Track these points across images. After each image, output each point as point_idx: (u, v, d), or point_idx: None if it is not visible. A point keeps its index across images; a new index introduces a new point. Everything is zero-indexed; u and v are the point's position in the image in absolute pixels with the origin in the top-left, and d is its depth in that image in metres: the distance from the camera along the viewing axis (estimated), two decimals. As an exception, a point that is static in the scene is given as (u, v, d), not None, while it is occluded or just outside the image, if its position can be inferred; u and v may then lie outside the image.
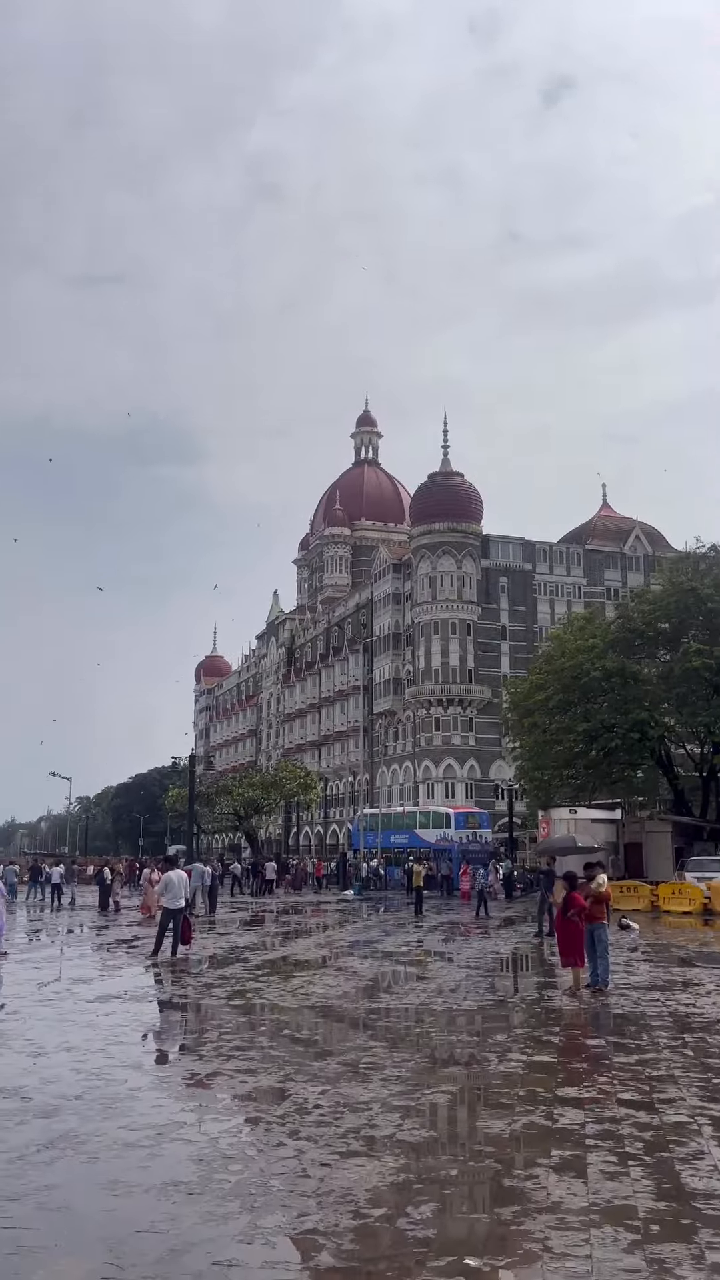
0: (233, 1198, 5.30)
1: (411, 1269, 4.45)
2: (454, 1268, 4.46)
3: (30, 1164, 5.87)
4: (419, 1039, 10.02)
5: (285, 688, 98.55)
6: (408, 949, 19.55)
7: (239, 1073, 8.40)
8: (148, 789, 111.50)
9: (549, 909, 22.35)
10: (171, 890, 17.07)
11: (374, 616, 79.83)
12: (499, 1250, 4.67)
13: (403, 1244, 4.73)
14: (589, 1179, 5.64)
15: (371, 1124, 6.75)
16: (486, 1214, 5.16)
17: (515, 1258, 4.57)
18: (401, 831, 51.71)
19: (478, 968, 16.11)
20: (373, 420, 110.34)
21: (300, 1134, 6.53)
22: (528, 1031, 10.43)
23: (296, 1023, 11.07)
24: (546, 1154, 6.12)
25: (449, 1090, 7.79)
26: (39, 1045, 9.53)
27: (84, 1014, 11.39)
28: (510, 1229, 4.94)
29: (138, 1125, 6.69)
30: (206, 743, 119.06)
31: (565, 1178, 5.66)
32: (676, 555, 45.03)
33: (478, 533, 73.08)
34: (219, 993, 13.10)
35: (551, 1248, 4.65)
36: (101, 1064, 8.65)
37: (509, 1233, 4.90)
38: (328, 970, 15.64)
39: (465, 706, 70.77)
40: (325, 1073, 8.36)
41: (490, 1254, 4.63)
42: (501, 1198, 5.39)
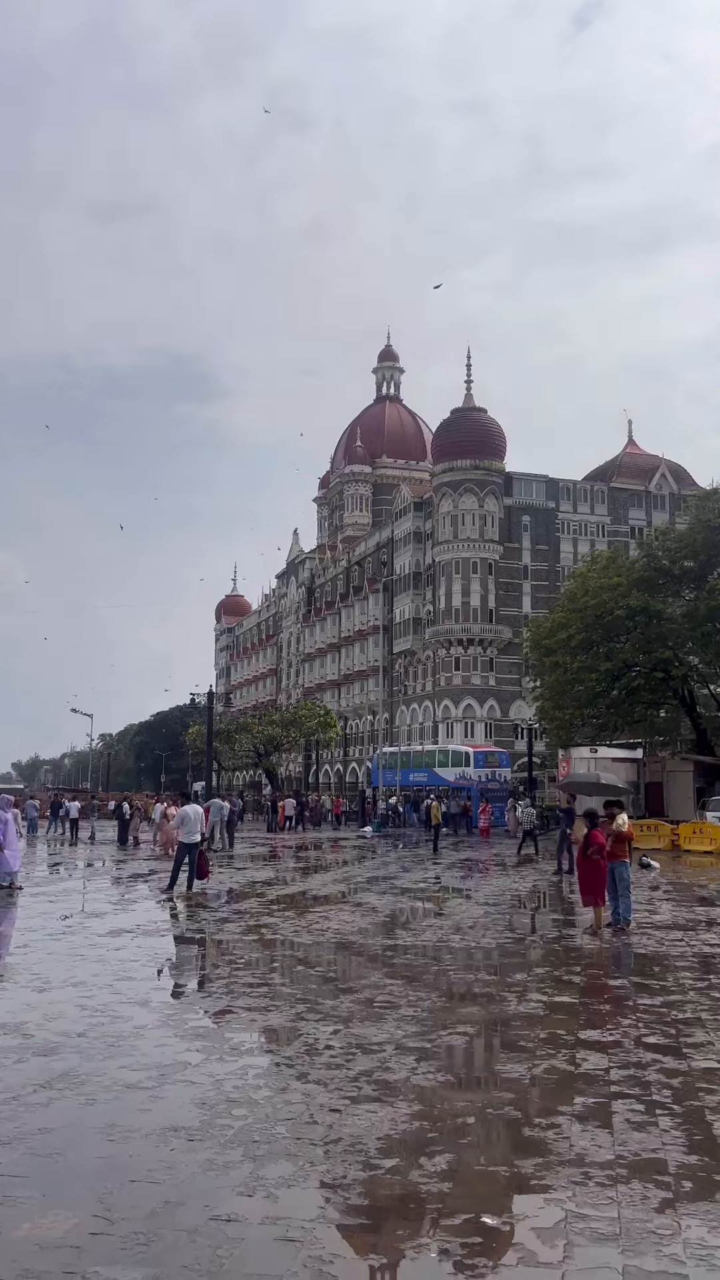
0: (235, 1145, 4.99)
1: (424, 1227, 4.11)
2: (470, 1227, 4.12)
3: (25, 1105, 5.59)
4: (436, 977, 9.73)
5: (305, 627, 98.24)
6: (425, 885, 19.35)
7: (249, 1010, 8.12)
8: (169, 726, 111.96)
9: (568, 847, 22.11)
10: (188, 825, 16.89)
11: (394, 555, 79.05)
12: (519, 1208, 4.33)
13: (415, 1199, 4.40)
14: (614, 1129, 5.29)
15: (384, 1067, 6.44)
16: (505, 1167, 4.82)
17: (536, 1216, 4.23)
18: (420, 770, 51.68)
19: (496, 905, 15.85)
20: (395, 355, 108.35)
21: (309, 1077, 6.22)
22: (548, 971, 10.12)
23: (311, 959, 10.81)
24: (569, 1101, 5.78)
25: (466, 1031, 7.47)
26: (45, 980, 9.30)
27: (94, 948, 11.18)
28: (531, 1183, 4.60)
29: (140, 1065, 6.41)
30: (227, 681, 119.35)
31: (589, 1128, 5.32)
32: (703, 492, 43.99)
33: (501, 470, 71.85)
34: (233, 928, 12.88)
35: (575, 1206, 4.30)
36: (108, 1000, 8.39)
37: (529, 1188, 4.56)
38: (344, 906, 15.42)
39: (486, 646, 70.25)
40: (338, 1011, 8.07)
41: (509, 1212, 4.29)
42: (521, 1149, 5.05)
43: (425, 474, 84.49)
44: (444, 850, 28.91)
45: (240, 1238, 3.96)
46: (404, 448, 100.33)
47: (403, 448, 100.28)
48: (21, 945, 11.68)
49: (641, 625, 37.17)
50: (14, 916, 14.35)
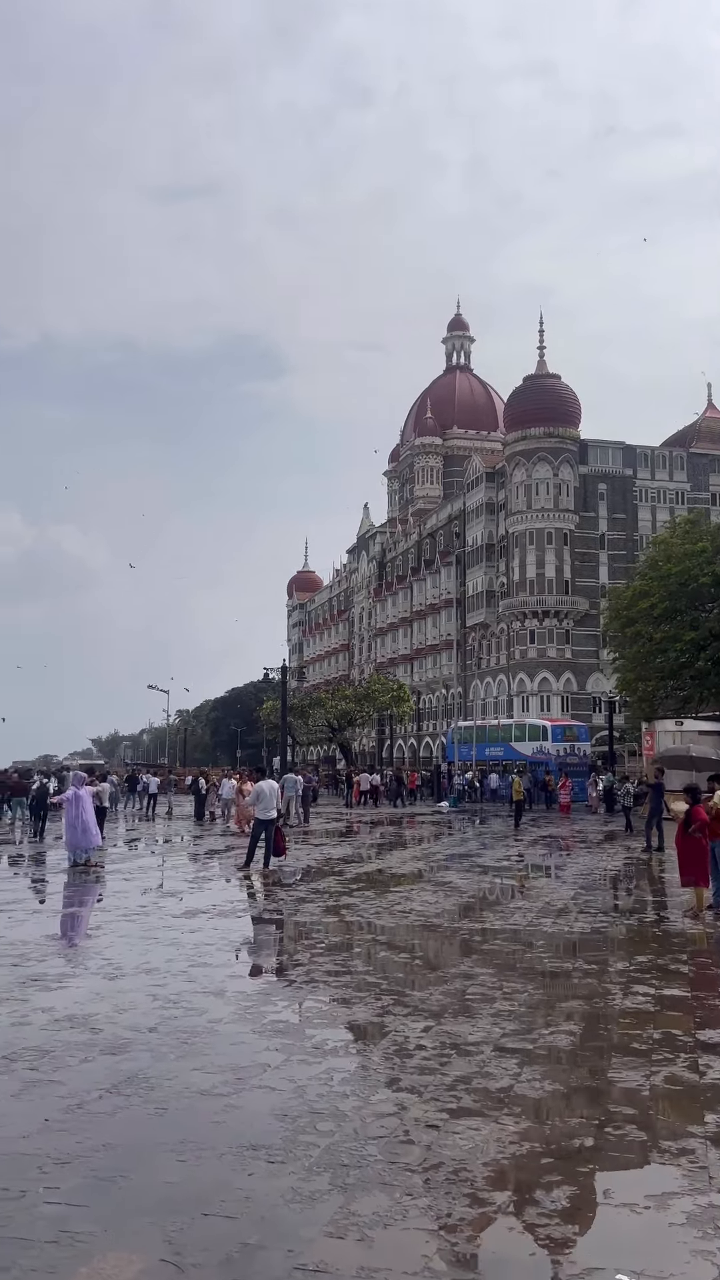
0: (321, 1169, 4.38)
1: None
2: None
3: (89, 1114, 5.06)
4: (530, 966, 9.04)
5: (376, 602, 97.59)
6: (509, 864, 18.63)
7: (332, 1003, 7.54)
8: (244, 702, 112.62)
9: (658, 823, 21.19)
10: (263, 800, 16.43)
11: (466, 527, 77.84)
12: (660, 1262, 3.63)
13: (535, 1245, 3.74)
14: (758, 1156, 4.57)
15: (483, 1072, 5.79)
16: (634, 1205, 4.12)
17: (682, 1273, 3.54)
18: (496, 744, 50.80)
19: (585, 885, 15.08)
20: (465, 324, 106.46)
21: (401, 1083, 5.60)
22: (651, 959, 9.36)
23: (394, 943, 10.20)
24: (699, 1119, 5.06)
25: (570, 1031, 6.78)
26: (117, 966, 8.84)
27: (169, 930, 10.73)
28: (670, 1227, 3.91)
29: (215, 1067, 5.85)
30: (300, 657, 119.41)
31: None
32: None
33: (575, 438, 70.09)
34: (311, 908, 12.35)
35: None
36: (181, 989, 7.88)
37: (668, 1232, 3.86)
38: (425, 885, 14.80)
39: (561, 618, 68.82)
40: (428, 1005, 7.44)
41: (650, 1265, 3.60)
42: (654, 1182, 4.35)
43: (497, 444, 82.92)
44: (525, 827, 28.13)
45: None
46: (475, 418, 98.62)
47: (474, 418, 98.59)
48: (95, 927, 11.30)
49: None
50: (90, 896, 14.04)
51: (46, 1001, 7.45)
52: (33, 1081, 5.57)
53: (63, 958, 9.35)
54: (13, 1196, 4.10)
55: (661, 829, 20.96)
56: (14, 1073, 5.73)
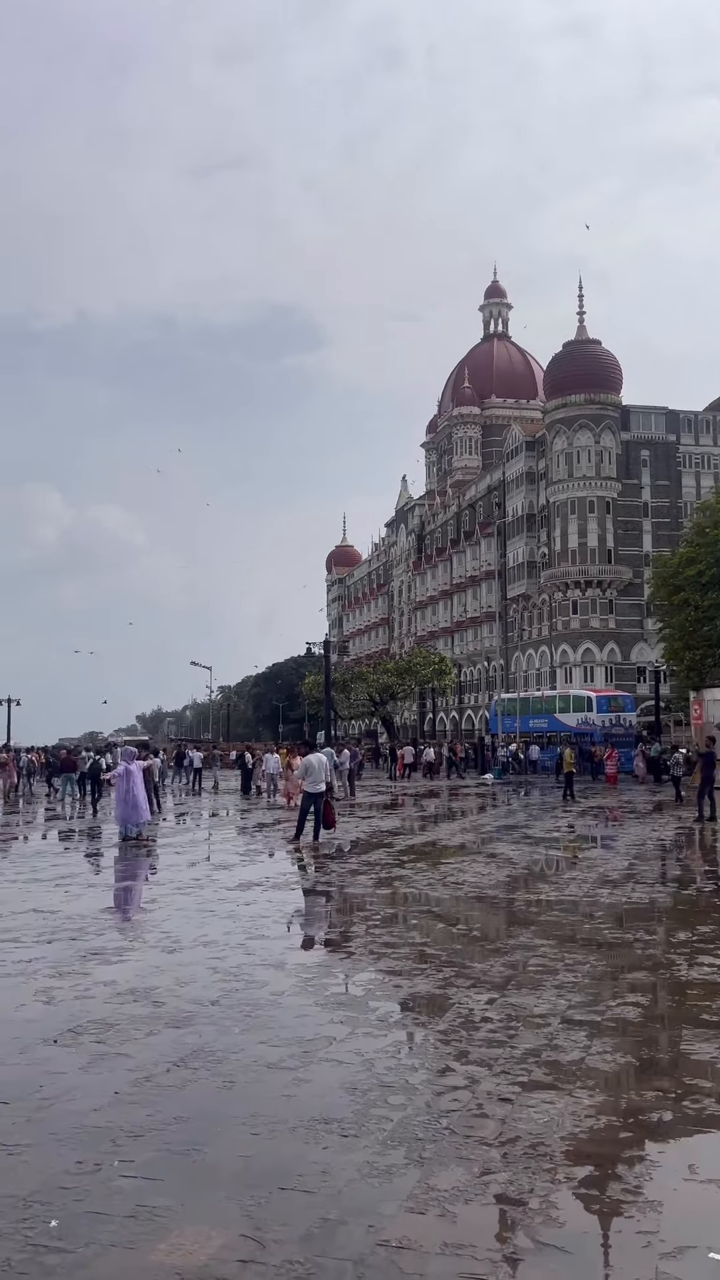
0: (395, 1144, 4.31)
1: (643, 1261, 3.35)
2: (698, 1262, 3.35)
3: (159, 1088, 5.04)
4: (590, 937, 8.92)
5: (416, 575, 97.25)
6: (559, 835, 18.49)
7: (392, 974, 7.48)
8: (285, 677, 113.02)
9: (710, 793, 20.92)
10: (312, 774, 16.43)
11: (506, 498, 77.14)
12: (753, 1238, 3.53)
13: (621, 1221, 3.64)
14: None
15: (553, 1045, 5.69)
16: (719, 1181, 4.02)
17: (778, 1251, 3.43)
18: (540, 716, 50.48)
19: (639, 856, 14.92)
20: (502, 291, 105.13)
21: (470, 1056, 5.52)
22: (713, 929, 9.21)
23: (450, 915, 10.13)
24: (779, 1093, 4.94)
25: (638, 1002, 6.67)
26: (175, 939, 8.84)
27: (224, 903, 10.74)
28: (759, 1204, 3.80)
29: (280, 1040, 5.81)
30: (340, 631, 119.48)
31: None
32: None
33: (617, 404, 69.08)
34: (364, 880, 12.31)
35: None
36: (241, 962, 7.87)
37: (758, 1209, 3.76)
38: (477, 856, 14.72)
39: (604, 588, 68.13)
40: (490, 976, 7.36)
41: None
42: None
43: (537, 412, 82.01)
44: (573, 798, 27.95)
45: (417, 1274, 3.28)
46: (514, 386, 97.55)
47: (513, 386, 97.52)
48: (150, 900, 11.35)
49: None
50: (143, 870, 14.12)
51: (107, 975, 7.47)
52: (100, 1054, 5.57)
53: (120, 931, 9.39)
54: (88, 1170, 4.07)
55: (714, 798, 20.70)
56: (81, 1045, 5.73)
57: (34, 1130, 4.50)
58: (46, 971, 7.56)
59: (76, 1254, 3.42)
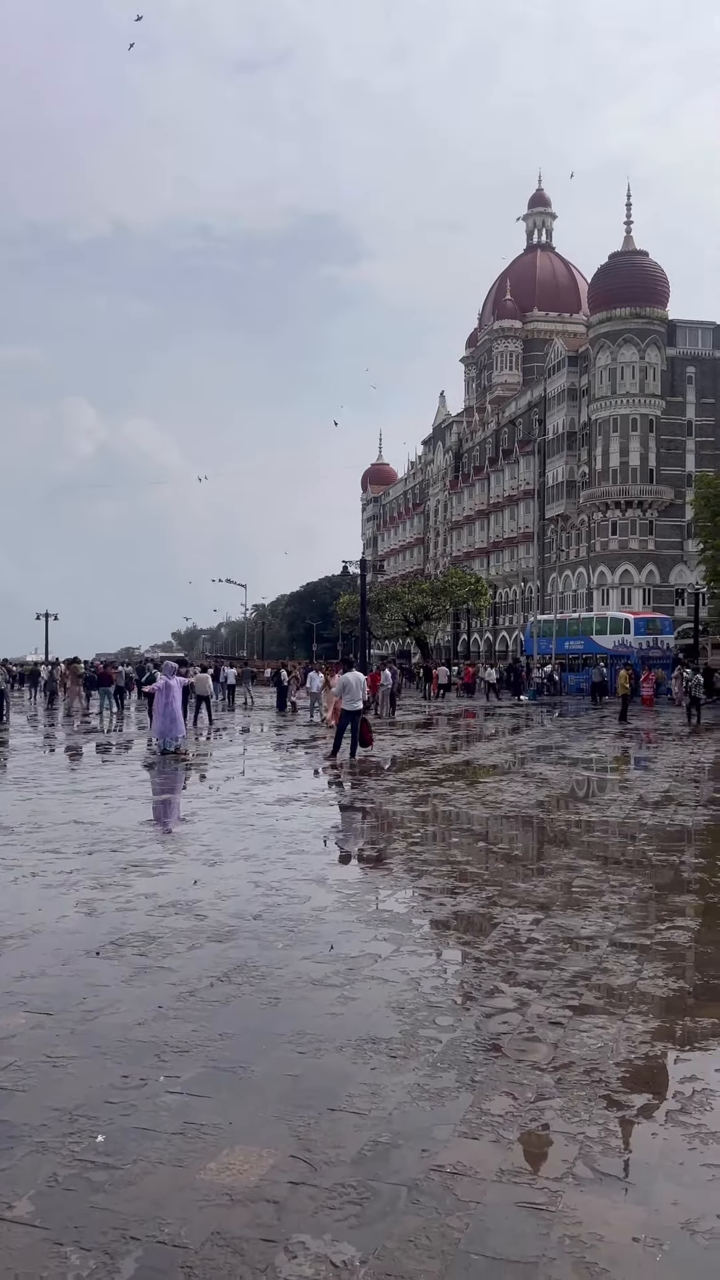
0: (446, 1066, 4.22)
1: (708, 1196, 3.22)
2: (765, 1199, 3.22)
3: (203, 1003, 4.97)
4: (635, 859, 8.79)
5: (453, 494, 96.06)
6: (598, 756, 18.34)
7: (435, 893, 7.39)
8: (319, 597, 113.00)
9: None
10: (349, 692, 16.35)
11: (547, 415, 75.53)
12: None
13: (684, 1150, 3.52)
14: None
15: (602, 968, 5.57)
16: (785, 1110, 3.88)
17: None
18: (576, 638, 50.08)
19: (680, 778, 14.74)
20: (546, 200, 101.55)
21: (518, 977, 5.41)
22: (761, 854, 9.04)
23: (491, 834, 10.04)
24: None
25: (687, 926, 6.53)
26: (215, 852, 8.82)
27: (263, 818, 10.71)
28: None
29: (324, 956, 5.73)
30: (374, 551, 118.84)
31: None
32: None
33: (663, 318, 66.94)
34: (403, 798, 12.25)
35: None
36: (282, 876, 7.81)
37: None
38: (515, 777, 14.61)
39: (645, 509, 66.93)
40: (534, 896, 7.25)
41: None
42: None
43: (580, 326, 79.77)
44: (606, 720, 27.77)
45: (474, 1201, 3.17)
46: (557, 299, 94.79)
47: (556, 299, 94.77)
48: (190, 813, 11.35)
49: None
50: (180, 783, 14.15)
51: (149, 887, 7.44)
52: (143, 968, 5.52)
53: (161, 844, 9.38)
54: (134, 1085, 4.01)
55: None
56: (124, 958, 5.69)
57: (78, 1043, 4.45)
58: (88, 883, 7.54)
59: (124, 1170, 3.35)
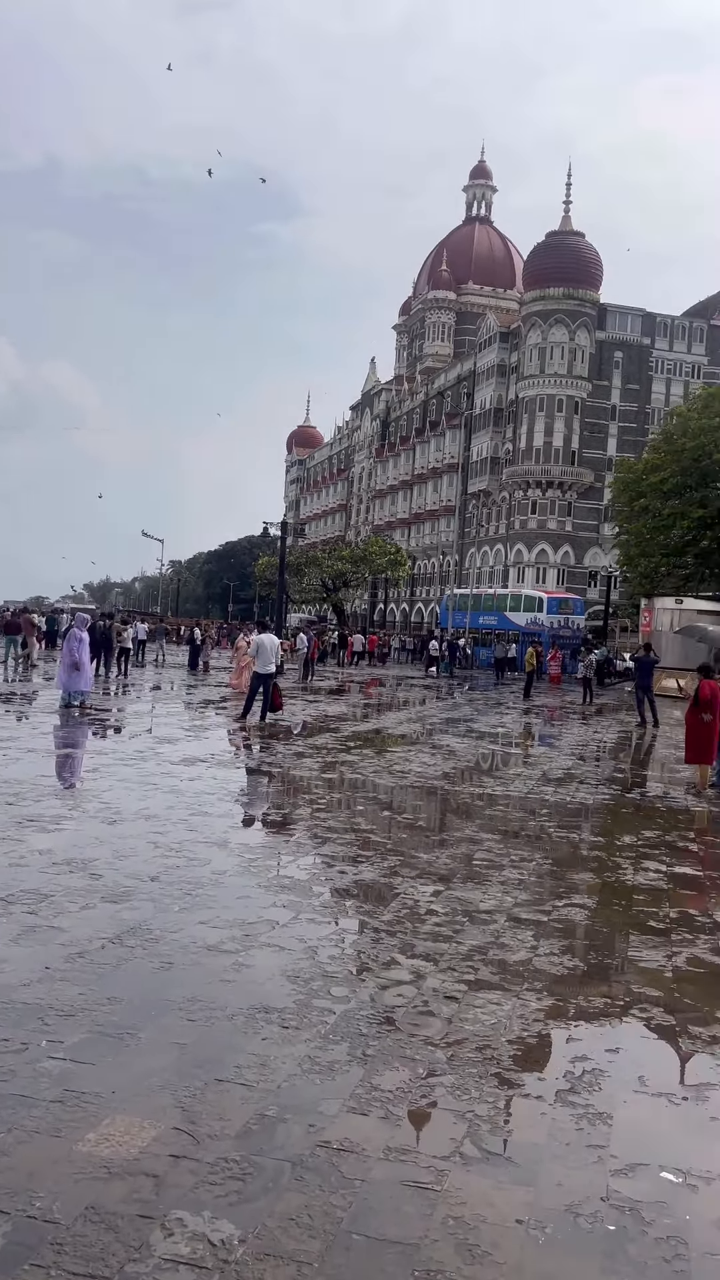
0: (338, 1038, 4.16)
1: (593, 1178, 3.23)
2: (650, 1181, 3.23)
3: (92, 964, 4.82)
4: (536, 834, 8.88)
5: (378, 462, 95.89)
6: (504, 730, 18.54)
7: (337, 860, 7.33)
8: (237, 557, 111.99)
9: (650, 700, 21.09)
10: (263, 654, 16.20)
11: (475, 389, 75.78)
12: (705, 1157, 3.42)
13: (572, 1133, 3.52)
14: None
15: (499, 943, 5.58)
16: (674, 1094, 3.92)
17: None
18: (491, 613, 50.62)
19: (584, 757, 14.98)
20: (488, 172, 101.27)
21: (415, 950, 5.38)
22: (658, 835, 9.21)
23: (396, 804, 10.03)
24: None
25: (584, 904, 6.60)
26: (116, 810, 8.61)
27: (168, 777, 10.52)
28: (711, 1121, 3.70)
29: (221, 921, 5.63)
30: (296, 515, 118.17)
31: (762, 1044, 4.40)
32: None
33: (595, 300, 67.57)
34: (310, 763, 12.18)
35: (777, 1160, 3.39)
36: (183, 838, 7.67)
37: (710, 1128, 3.66)
38: (422, 747, 14.67)
39: (565, 489, 67.78)
40: (435, 868, 7.25)
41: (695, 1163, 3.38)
42: (689, 1071, 4.15)
43: (513, 303, 79.98)
44: (511, 693, 28.13)
45: (357, 1178, 3.12)
46: (493, 273, 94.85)
47: (491, 273, 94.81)
48: (92, 769, 11.10)
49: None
50: (85, 738, 13.84)
51: (44, 843, 7.22)
52: (32, 926, 5.33)
53: (59, 799, 9.13)
54: (14, 1049, 3.86)
55: (653, 703, 20.90)
56: (11, 916, 5.50)
57: (-42, 1003, 4.27)
58: (-21, 836, 7.29)
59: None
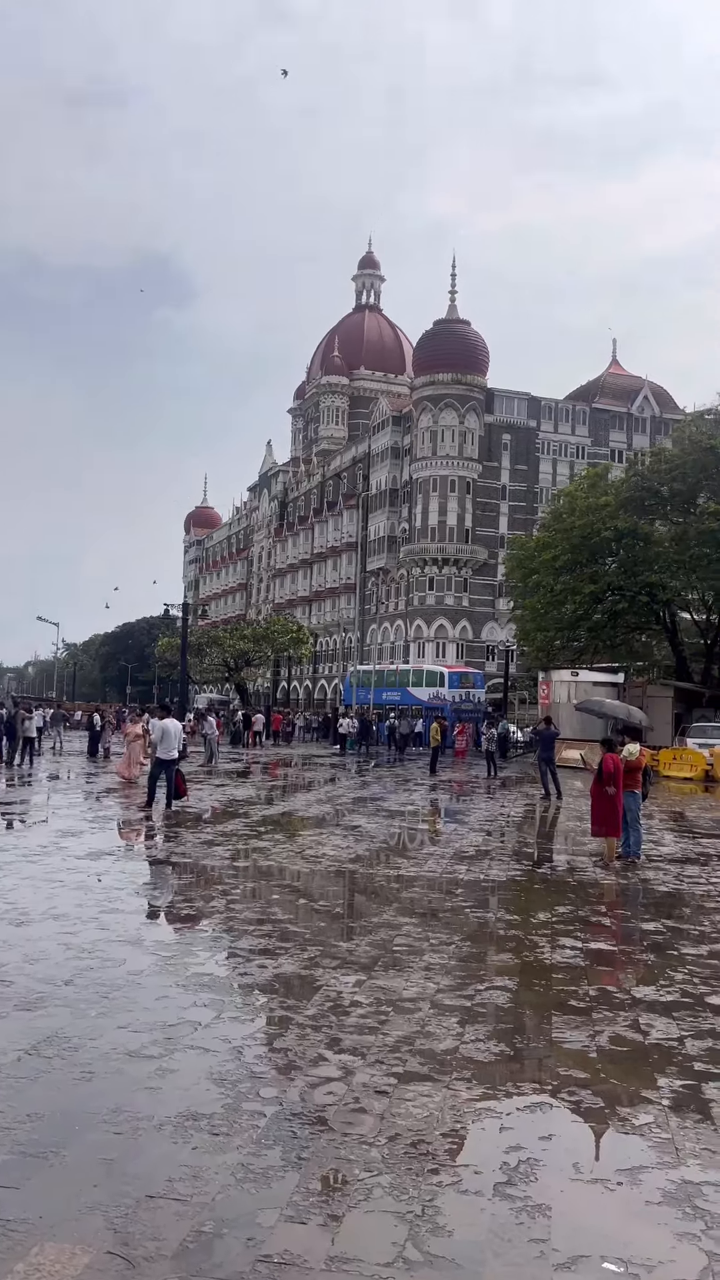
0: (271, 1142, 4.07)
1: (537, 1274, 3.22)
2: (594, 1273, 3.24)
3: (9, 1080, 4.64)
4: (453, 915, 8.90)
5: (277, 542, 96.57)
6: (414, 808, 18.59)
7: (256, 953, 7.22)
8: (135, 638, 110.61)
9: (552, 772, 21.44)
10: (166, 740, 15.96)
11: (371, 471, 77.32)
12: (644, 1245, 3.45)
13: (512, 1227, 3.51)
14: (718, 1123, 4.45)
15: (425, 1032, 5.56)
16: (609, 1180, 3.95)
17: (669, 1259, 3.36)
18: (394, 689, 50.96)
19: (492, 832, 15.12)
20: (376, 262, 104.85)
21: (342, 1044, 5.33)
22: (571, 910, 9.33)
23: (312, 890, 9.95)
24: (651, 1084, 4.94)
25: (505, 986, 6.63)
26: (22, 911, 8.34)
27: (74, 873, 10.23)
28: (647, 1206, 3.74)
29: (141, 1024, 5.48)
30: (196, 594, 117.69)
31: (689, 1122, 4.47)
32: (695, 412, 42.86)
33: (482, 385, 70.05)
34: (221, 852, 12.00)
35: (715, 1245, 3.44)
36: (95, 938, 7.46)
37: (646, 1213, 3.70)
38: (334, 829, 14.59)
39: (460, 567, 69.26)
40: (356, 957, 7.20)
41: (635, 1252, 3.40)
42: (621, 1154, 4.19)
43: (404, 388, 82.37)
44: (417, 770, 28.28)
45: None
46: (383, 359, 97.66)
47: (382, 359, 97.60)
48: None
49: (627, 547, 36.24)
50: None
51: (-51, 950, 6.94)
52: (-58, 1042, 5.11)
53: (-39, 901, 8.79)
54: (-68, 1179, 3.68)
55: (556, 776, 21.24)
56: None
57: None
58: None
59: None
